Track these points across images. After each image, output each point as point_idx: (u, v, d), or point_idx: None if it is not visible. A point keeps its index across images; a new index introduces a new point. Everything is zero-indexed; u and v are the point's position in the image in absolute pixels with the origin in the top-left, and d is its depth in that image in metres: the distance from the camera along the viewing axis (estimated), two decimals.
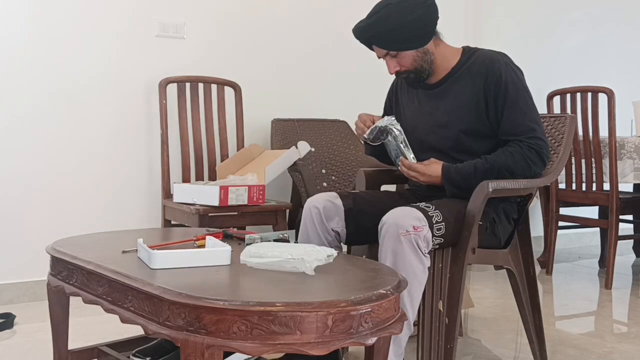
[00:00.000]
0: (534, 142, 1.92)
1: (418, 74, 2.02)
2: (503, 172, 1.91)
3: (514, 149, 1.92)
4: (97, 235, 2.04)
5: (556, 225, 3.74)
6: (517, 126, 1.94)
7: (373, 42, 1.97)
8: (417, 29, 1.94)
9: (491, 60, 1.98)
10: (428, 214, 1.82)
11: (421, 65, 1.99)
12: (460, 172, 1.94)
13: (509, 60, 2.00)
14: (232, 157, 3.13)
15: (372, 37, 1.95)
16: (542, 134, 1.95)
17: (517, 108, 1.94)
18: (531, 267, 2.18)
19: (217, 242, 1.71)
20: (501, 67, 1.96)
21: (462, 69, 2.01)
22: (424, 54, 1.99)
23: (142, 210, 3.23)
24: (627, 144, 3.45)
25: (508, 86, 1.94)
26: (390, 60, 1.99)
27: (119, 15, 3.14)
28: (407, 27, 1.91)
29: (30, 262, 2.97)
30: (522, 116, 1.94)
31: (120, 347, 1.99)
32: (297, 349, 1.27)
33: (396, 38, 1.93)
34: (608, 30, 4.81)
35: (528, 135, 1.93)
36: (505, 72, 1.95)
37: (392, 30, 1.91)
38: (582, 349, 2.45)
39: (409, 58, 1.98)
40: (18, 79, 2.94)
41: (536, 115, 1.97)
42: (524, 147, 1.91)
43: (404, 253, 1.75)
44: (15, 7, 2.92)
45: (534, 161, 1.92)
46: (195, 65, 3.32)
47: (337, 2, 3.73)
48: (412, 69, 2.00)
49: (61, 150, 3.04)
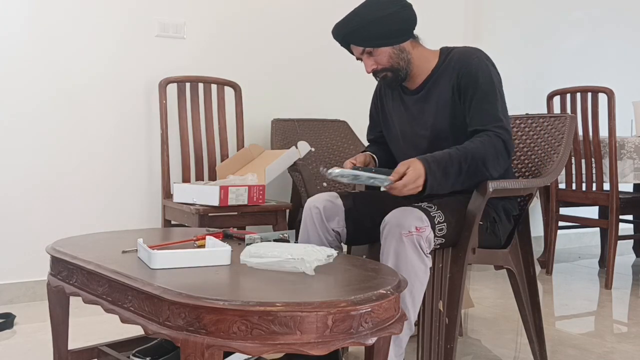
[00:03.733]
0: (502, 132, 1.90)
1: (395, 73, 2.00)
2: (476, 160, 1.85)
3: (483, 139, 1.89)
4: (97, 235, 2.04)
5: (556, 225, 3.74)
6: (485, 116, 1.92)
7: (349, 39, 1.96)
8: (391, 25, 1.93)
9: (464, 55, 1.99)
10: (430, 214, 1.82)
11: (398, 63, 1.98)
12: (436, 160, 1.82)
13: (481, 55, 2.00)
14: (232, 157, 3.13)
15: (347, 34, 1.94)
16: (508, 126, 1.93)
17: (486, 99, 1.93)
18: (531, 267, 2.18)
19: (217, 242, 1.71)
20: (473, 60, 1.96)
21: (441, 69, 2.01)
22: (400, 51, 1.97)
23: (142, 210, 3.23)
24: (627, 144, 3.45)
25: (478, 78, 1.94)
26: (367, 58, 1.98)
27: (119, 15, 3.14)
28: (382, 22, 1.91)
29: (30, 262, 2.97)
30: (491, 107, 1.93)
31: (120, 347, 1.99)
32: (297, 349, 1.27)
33: (371, 34, 1.93)
34: (608, 31, 4.81)
35: (495, 124, 1.91)
36: (476, 64, 1.96)
37: (366, 25, 1.91)
38: (582, 349, 2.45)
39: (385, 55, 1.96)
40: (18, 79, 2.94)
41: (504, 108, 1.97)
42: (492, 136, 1.89)
43: (406, 253, 1.75)
44: (15, 7, 2.92)
45: (500, 152, 1.89)
46: (195, 65, 3.32)
47: (337, 2, 3.72)
48: (388, 67, 1.98)
49: (61, 150, 3.04)
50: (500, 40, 4.31)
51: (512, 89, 4.33)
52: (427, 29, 4.31)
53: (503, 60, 4.32)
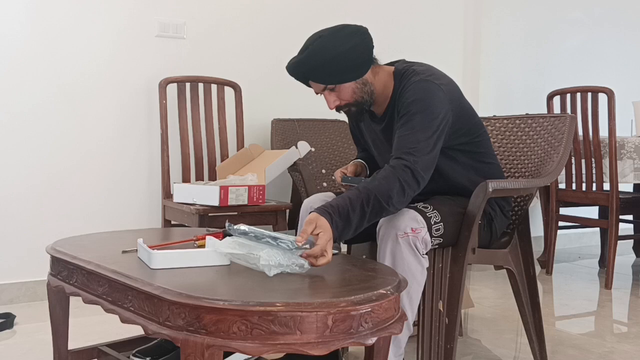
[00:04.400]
0: (412, 159, 1.75)
1: (359, 107, 1.90)
2: (379, 200, 1.69)
3: (387, 172, 1.74)
4: (97, 235, 2.04)
5: (556, 225, 3.74)
6: (400, 142, 1.80)
7: (309, 77, 1.85)
8: (353, 59, 1.82)
9: (407, 80, 1.87)
10: (426, 215, 1.82)
11: (362, 97, 1.88)
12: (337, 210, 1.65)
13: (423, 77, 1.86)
14: (232, 157, 3.13)
15: (307, 72, 1.84)
16: (420, 152, 1.76)
17: (408, 125, 1.80)
18: (531, 267, 2.18)
19: (217, 242, 1.71)
20: (408, 86, 1.85)
21: (397, 95, 1.91)
22: (364, 84, 1.87)
23: (142, 210, 3.23)
24: (627, 144, 3.45)
25: (409, 105, 1.82)
26: (328, 95, 1.88)
27: (119, 15, 3.14)
28: (343, 58, 1.80)
29: (30, 262, 2.97)
30: (410, 133, 1.79)
31: (120, 347, 1.99)
32: (297, 349, 1.27)
33: (332, 70, 1.82)
34: (608, 31, 4.81)
35: (404, 151, 1.77)
36: (409, 90, 1.84)
37: (327, 62, 1.80)
38: (582, 349, 2.45)
39: (348, 91, 1.86)
40: (18, 79, 2.94)
41: (428, 133, 1.79)
42: (397, 168, 1.74)
43: (402, 255, 1.75)
44: (15, 7, 2.92)
45: (408, 182, 1.73)
46: (195, 65, 3.32)
47: (337, 2, 3.73)
48: (352, 102, 1.88)
49: (61, 150, 3.04)
50: (501, 40, 4.31)
51: (512, 89, 4.36)
52: (427, 30, 4.30)
53: (503, 60, 4.34)
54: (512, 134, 2.32)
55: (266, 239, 1.52)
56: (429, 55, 3.76)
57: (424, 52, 3.84)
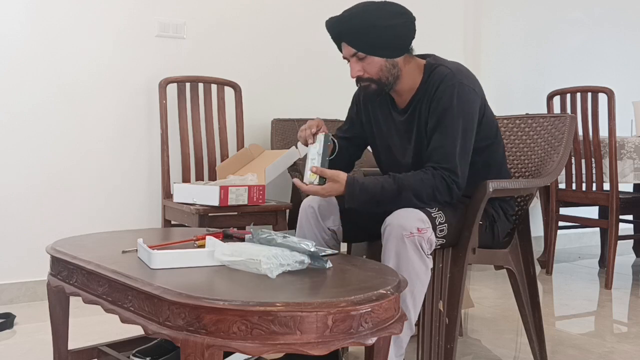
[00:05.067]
0: (448, 175, 1.80)
1: (380, 87, 1.90)
2: (409, 196, 1.79)
3: (426, 176, 1.80)
4: (97, 235, 2.04)
5: (556, 225, 3.74)
6: (438, 151, 1.82)
7: (343, 37, 1.86)
8: (390, 37, 1.83)
9: (440, 80, 1.86)
10: (432, 216, 1.82)
11: (386, 78, 1.88)
12: (365, 189, 1.79)
13: (457, 81, 1.85)
14: (232, 157, 3.13)
15: (343, 31, 1.85)
16: (460, 168, 1.82)
17: (446, 135, 1.82)
18: (531, 267, 2.18)
19: (217, 242, 1.71)
20: (447, 88, 1.84)
21: (423, 89, 1.91)
22: (392, 66, 1.87)
23: (142, 210, 3.23)
24: (627, 144, 3.45)
25: (445, 110, 1.83)
26: (355, 62, 1.88)
27: (119, 15, 3.14)
28: (381, 32, 1.81)
29: (30, 262, 2.97)
30: (447, 143, 1.82)
31: (120, 347, 1.99)
32: (297, 349, 1.27)
33: (368, 39, 1.83)
34: (608, 31, 4.82)
35: (445, 165, 1.81)
36: (449, 93, 1.84)
37: (365, 29, 1.82)
38: (582, 349, 2.45)
39: (376, 65, 1.86)
40: (18, 78, 2.94)
41: (464, 145, 1.84)
42: (436, 177, 1.79)
43: (407, 255, 1.75)
44: (15, 7, 2.92)
45: (441, 192, 1.80)
46: (195, 65, 3.32)
47: (337, 2, 3.72)
48: (375, 78, 1.88)
49: (61, 150, 3.04)
50: (501, 40, 4.31)
51: (512, 88, 4.36)
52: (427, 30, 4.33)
53: (503, 60, 4.34)
54: (512, 134, 2.32)
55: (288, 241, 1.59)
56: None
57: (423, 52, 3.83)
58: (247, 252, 1.53)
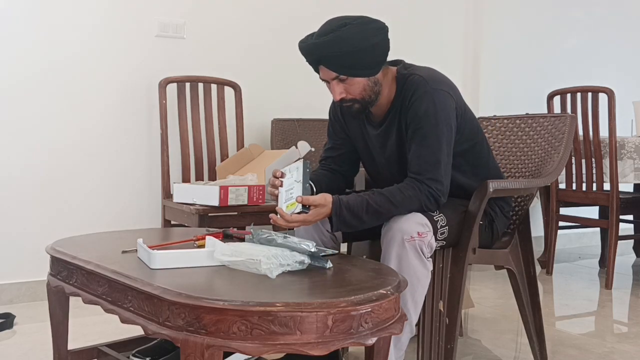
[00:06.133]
0: (434, 186, 1.78)
1: (364, 104, 1.85)
2: (395, 214, 1.78)
3: (413, 193, 1.77)
4: (97, 235, 2.04)
5: (556, 225, 3.74)
6: (420, 161, 1.80)
7: (324, 62, 1.78)
8: (374, 56, 1.78)
9: (414, 90, 1.82)
10: (433, 219, 1.82)
11: (369, 96, 1.84)
12: (350, 209, 1.75)
13: (432, 86, 1.82)
14: (232, 157, 3.13)
15: (324, 57, 1.77)
16: (444, 176, 1.81)
17: (425, 143, 1.80)
18: (531, 267, 2.18)
19: (217, 242, 1.71)
20: (421, 96, 1.81)
21: (398, 102, 1.87)
22: (374, 84, 1.83)
23: (142, 210, 3.23)
24: (627, 144, 3.45)
25: (420, 118, 1.80)
26: (337, 85, 1.81)
27: (119, 15, 3.14)
28: (365, 52, 1.75)
29: (30, 262, 2.96)
30: (428, 152, 1.79)
31: (120, 347, 1.99)
32: (297, 349, 1.27)
33: (351, 62, 1.76)
34: (608, 31, 4.81)
35: (428, 175, 1.78)
36: (425, 101, 1.80)
37: (349, 53, 1.74)
38: (582, 349, 2.45)
39: (359, 86, 1.81)
40: (17, 78, 2.93)
41: (445, 151, 1.82)
42: (423, 192, 1.78)
43: (408, 259, 1.75)
44: (15, 7, 2.92)
45: (429, 207, 1.80)
46: (195, 65, 3.32)
47: (337, 3, 3.72)
48: (359, 98, 1.83)
49: (61, 149, 3.04)
50: (501, 40, 4.31)
51: (512, 89, 4.36)
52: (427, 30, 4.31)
53: (503, 60, 4.34)
54: (513, 134, 2.32)
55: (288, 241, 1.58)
56: (430, 55, 3.76)
57: (424, 53, 3.83)
58: (247, 252, 1.53)
